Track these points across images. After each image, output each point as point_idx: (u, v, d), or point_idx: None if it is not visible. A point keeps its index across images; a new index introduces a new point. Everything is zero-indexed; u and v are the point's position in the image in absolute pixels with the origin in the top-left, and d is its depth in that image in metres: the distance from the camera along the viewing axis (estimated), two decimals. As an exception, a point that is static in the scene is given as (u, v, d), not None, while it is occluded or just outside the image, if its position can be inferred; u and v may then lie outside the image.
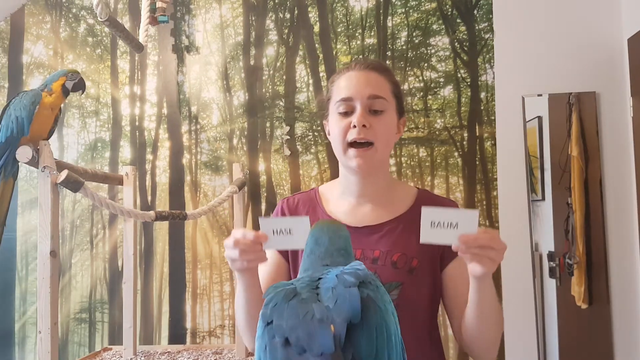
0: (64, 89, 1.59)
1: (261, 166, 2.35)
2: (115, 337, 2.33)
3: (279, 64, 2.38)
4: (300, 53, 2.37)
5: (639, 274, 2.07)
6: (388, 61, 2.30)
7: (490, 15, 2.25)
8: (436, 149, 2.26)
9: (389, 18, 2.32)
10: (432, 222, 0.94)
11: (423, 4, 2.31)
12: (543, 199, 2.19)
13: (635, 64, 2.06)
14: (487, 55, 2.25)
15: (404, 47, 2.31)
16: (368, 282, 0.72)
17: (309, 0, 2.37)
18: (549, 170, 2.18)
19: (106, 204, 1.60)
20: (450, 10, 2.29)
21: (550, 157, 2.18)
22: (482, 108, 2.24)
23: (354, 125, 1.13)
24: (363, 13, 2.34)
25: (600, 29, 2.17)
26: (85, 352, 2.31)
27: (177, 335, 2.32)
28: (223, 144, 2.38)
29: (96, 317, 2.36)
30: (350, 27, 2.34)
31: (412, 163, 2.27)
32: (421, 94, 2.28)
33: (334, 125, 1.18)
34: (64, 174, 1.47)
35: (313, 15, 2.36)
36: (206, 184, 2.37)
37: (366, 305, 0.68)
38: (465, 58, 2.27)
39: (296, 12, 2.38)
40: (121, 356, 2.01)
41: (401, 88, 1.25)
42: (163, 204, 2.38)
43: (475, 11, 2.27)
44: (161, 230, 2.37)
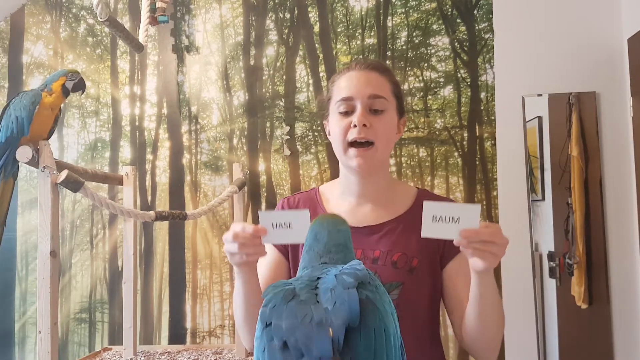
0: (64, 89, 1.59)
1: (261, 166, 2.35)
2: (115, 337, 2.33)
3: (279, 64, 2.38)
4: (300, 53, 2.37)
5: (639, 274, 2.07)
6: (388, 61, 2.30)
7: (490, 15, 2.25)
8: (436, 149, 2.26)
9: (389, 18, 2.32)
10: (434, 217, 0.93)
11: (423, 4, 2.31)
12: (543, 199, 2.19)
13: (635, 64, 2.06)
14: (487, 55, 2.25)
15: (404, 47, 2.31)
16: (367, 283, 0.72)
17: (309, 0, 2.37)
18: (549, 170, 2.18)
19: (106, 204, 1.60)
20: (450, 10, 2.29)
21: (550, 157, 2.18)
22: (482, 108, 2.24)
23: (355, 125, 1.13)
24: (363, 13, 2.34)
25: (600, 29, 2.17)
26: (85, 352, 2.31)
27: (177, 335, 2.32)
28: (223, 144, 2.38)
29: (96, 317, 2.36)
30: (350, 27, 2.35)
31: (412, 163, 2.27)
32: (421, 94, 2.28)
33: (334, 125, 1.18)
34: (64, 174, 1.47)
35: (313, 15, 2.37)
36: (206, 184, 2.37)
37: (365, 307, 0.68)
38: (465, 58, 2.27)
39: (296, 12, 2.38)
40: (121, 356, 2.01)
41: (401, 88, 1.25)
42: (163, 204, 2.38)
43: (475, 11, 2.27)
44: (161, 230, 2.37)
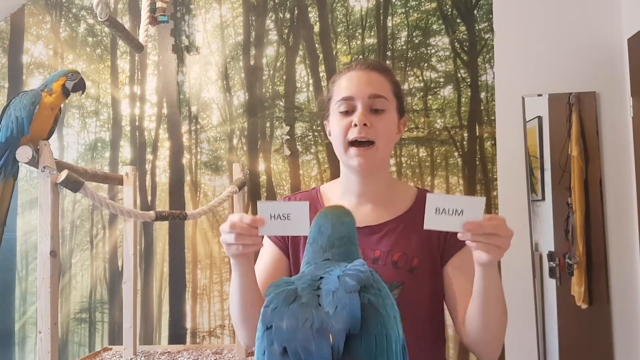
0: (64, 89, 1.59)
1: (261, 166, 2.35)
2: (115, 337, 2.33)
3: (279, 64, 2.38)
4: (300, 53, 2.37)
5: (639, 274, 2.07)
6: (388, 61, 2.30)
7: (490, 15, 2.25)
8: (436, 149, 2.26)
9: (389, 18, 2.32)
10: (437, 209, 0.91)
11: (423, 4, 2.31)
12: (543, 199, 2.19)
13: (635, 64, 2.06)
14: (487, 55, 2.25)
15: (404, 47, 2.31)
16: (370, 286, 0.71)
17: (309, 0, 2.37)
18: (549, 170, 2.18)
19: (106, 204, 1.60)
20: (450, 10, 2.29)
21: (550, 157, 2.19)
22: (482, 108, 2.24)
23: (355, 124, 1.13)
24: (363, 13, 2.34)
25: (600, 29, 2.17)
26: (85, 352, 2.31)
27: (177, 335, 2.32)
28: (223, 144, 2.38)
29: (96, 317, 2.36)
30: (350, 27, 2.35)
31: (412, 163, 2.27)
32: (421, 94, 2.28)
33: (335, 125, 1.18)
34: (64, 174, 1.47)
35: (313, 15, 2.37)
36: (206, 184, 2.37)
37: (367, 312, 0.67)
38: (465, 58, 2.27)
39: (296, 12, 2.38)
40: (121, 356, 2.01)
41: (401, 88, 1.25)
42: (163, 204, 2.38)
43: (475, 11, 2.27)
44: (161, 230, 2.37)
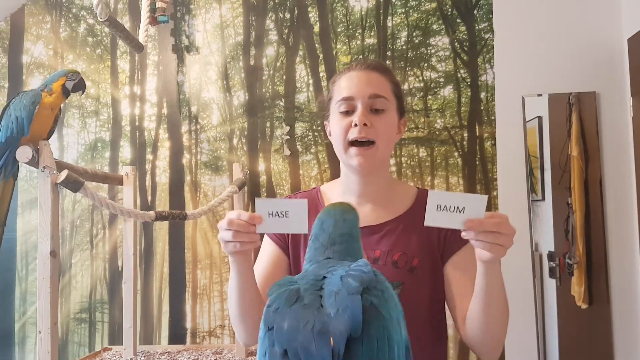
0: (64, 89, 1.59)
1: (261, 166, 2.35)
2: (115, 337, 2.33)
3: (279, 64, 2.38)
4: (300, 53, 2.37)
5: (639, 274, 2.07)
6: (388, 61, 2.30)
7: (490, 15, 2.25)
8: (436, 149, 2.26)
9: (389, 18, 2.32)
10: (438, 206, 0.91)
11: (423, 4, 2.31)
12: (543, 199, 2.19)
13: (635, 64, 2.06)
14: (487, 55, 2.25)
15: (404, 47, 2.31)
16: (373, 287, 0.70)
17: (309, 0, 2.37)
18: (549, 170, 2.18)
19: (106, 204, 1.60)
20: (450, 10, 2.29)
21: (550, 157, 2.19)
22: (482, 108, 2.24)
23: (355, 124, 1.13)
24: (363, 13, 2.34)
25: (600, 29, 2.17)
26: (85, 352, 2.31)
27: (177, 335, 2.32)
28: (223, 144, 2.38)
29: (96, 317, 2.36)
30: (350, 27, 2.35)
31: (412, 163, 2.27)
32: (421, 94, 2.28)
33: (335, 125, 1.18)
34: (64, 174, 1.47)
35: (313, 15, 2.37)
36: (206, 184, 2.37)
37: (369, 315, 0.67)
38: (465, 58, 2.27)
39: (296, 12, 2.38)
40: (121, 356, 2.01)
41: (401, 88, 1.25)
42: (163, 204, 2.38)
43: (475, 11, 2.27)
44: (161, 230, 2.37)
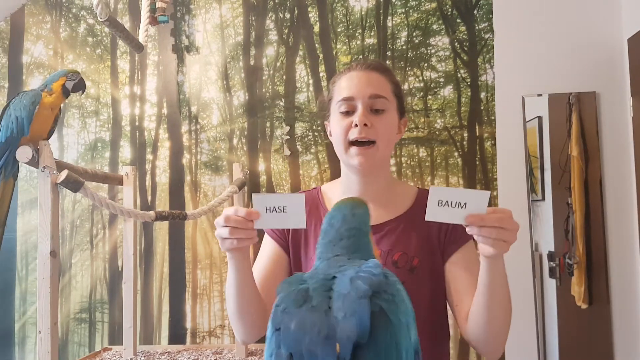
0: (64, 89, 1.59)
1: (261, 166, 2.35)
2: (115, 337, 2.33)
3: (279, 64, 2.38)
4: (300, 53, 2.37)
5: (639, 274, 2.07)
6: (388, 61, 2.30)
7: (490, 15, 2.25)
8: (436, 149, 2.26)
9: (389, 18, 2.32)
10: (440, 201, 0.90)
11: (423, 4, 2.31)
12: (543, 199, 2.19)
13: (635, 64, 2.06)
14: (487, 55, 2.25)
15: (404, 47, 2.31)
16: (383, 291, 0.69)
17: (309, 0, 2.37)
18: (549, 170, 2.18)
19: (106, 204, 1.59)
20: (450, 10, 2.29)
21: (550, 157, 2.19)
22: (482, 108, 2.24)
23: (356, 125, 1.13)
24: (363, 13, 2.34)
25: (600, 29, 2.17)
26: (85, 352, 2.31)
27: (177, 335, 2.32)
28: (223, 144, 2.38)
29: (96, 317, 2.36)
30: (350, 27, 2.34)
31: (412, 163, 2.27)
32: (421, 94, 2.28)
33: (335, 125, 1.18)
34: (64, 174, 1.47)
35: (313, 15, 2.36)
36: (206, 184, 2.37)
37: (377, 321, 0.66)
38: (465, 58, 2.27)
39: (296, 12, 2.38)
40: (121, 356, 2.01)
41: (402, 88, 1.25)
42: (163, 204, 2.38)
43: (475, 11, 2.27)
44: (161, 230, 2.37)
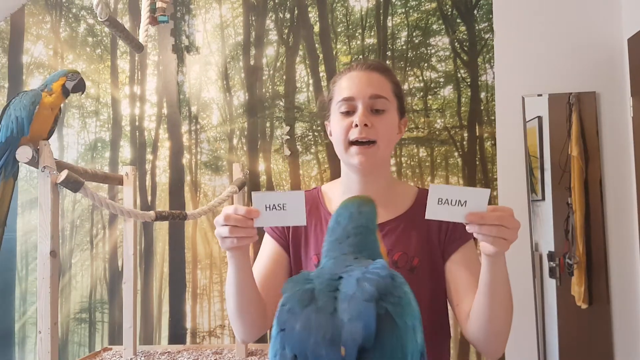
0: (64, 89, 1.59)
1: (261, 166, 2.35)
2: (115, 337, 2.33)
3: (279, 64, 2.38)
4: (300, 53, 2.37)
5: (639, 274, 2.07)
6: (388, 61, 2.30)
7: (490, 15, 2.25)
8: (436, 149, 2.26)
9: (389, 18, 2.32)
10: (440, 199, 0.90)
11: (423, 4, 2.31)
12: (543, 199, 2.19)
13: (635, 64, 2.06)
14: (487, 55, 2.25)
15: (404, 47, 2.31)
16: (389, 294, 0.68)
17: (309, 0, 2.37)
18: (549, 170, 2.18)
19: (106, 204, 1.59)
20: (450, 10, 2.29)
21: (550, 157, 2.19)
22: (482, 108, 2.24)
23: (356, 125, 1.13)
24: (363, 13, 2.34)
25: (600, 29, 2.17)
26: (85, 352, 2.31)
27: (177, 335, 2.32)
28: (223, 144, 2.38)
29: (96, 317, 2.36)
30: (350, 27, 2.34)
31: (412, 163, 2.27)
32: (421, 94, 2.28)
33: (335, 125, 1.18)
34: (64, 174, 1.47)
35: (313, 15, 2.36)
36: (206, 184, 2.37)
37: (383, 324, 0.65)
38: (465, 58, 2.27)
39: (296, 12, 2.38)
40: (121, 356, 2.01)
41: (402, 88, 1.25)
42: (163, 204, 2.38)
43: (475, 11, 2.27)
44: (161, 230, 2.37)
